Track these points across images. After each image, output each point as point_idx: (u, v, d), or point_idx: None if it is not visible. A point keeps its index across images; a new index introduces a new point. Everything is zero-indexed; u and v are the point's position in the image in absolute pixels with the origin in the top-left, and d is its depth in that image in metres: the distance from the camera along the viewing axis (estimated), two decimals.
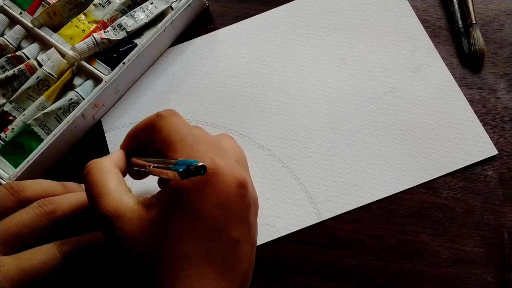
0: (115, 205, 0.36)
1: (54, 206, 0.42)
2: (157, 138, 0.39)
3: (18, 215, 0.41)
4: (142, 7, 0.55)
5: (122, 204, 0.36)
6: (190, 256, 0.34)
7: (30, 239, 0.41)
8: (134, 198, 0.37)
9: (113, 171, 0.40)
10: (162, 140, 0.38)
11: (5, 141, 0.51)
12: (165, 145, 0.38)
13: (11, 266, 0.38)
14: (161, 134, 0.38)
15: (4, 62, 0.54)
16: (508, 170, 0.47)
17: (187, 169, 0.31)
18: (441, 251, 0.45)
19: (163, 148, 0.38)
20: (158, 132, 0.39)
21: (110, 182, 0.38)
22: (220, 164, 0.36)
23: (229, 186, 0.36)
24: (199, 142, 0.37)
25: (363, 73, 0.53)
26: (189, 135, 0.37)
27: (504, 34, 0.53)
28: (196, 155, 0.36)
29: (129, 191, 0.38)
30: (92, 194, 0.38)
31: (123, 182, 0.39)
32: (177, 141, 0.37)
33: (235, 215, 0.36)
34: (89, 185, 0.38)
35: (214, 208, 0.35)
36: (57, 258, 0.40)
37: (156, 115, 0.40)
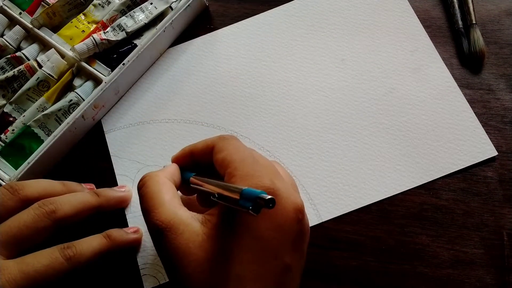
0: (169, 217, 0.36)
1: (54, 206, 0.42)
2: (217, 157, 0.39)
3: (19, 217, 0.42)
4: (142, 7, 0.55)
5: (176, 217, 0.36)
6: (243, 276, 0.34)
7: (32, 240, 0.41)
8: (188, 212, 0.37)
9: (168, 184, 0.40)
10: (222, 159, 0.38)
11: (6, 143, 0.51)
12: (224, 163, 0.38)
13: (14, 270, 0.38)
14: (222, 153, 0.38)
15: (4, 63, 0.54)
16: (508, 171, 0.47)
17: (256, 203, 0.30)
18: (440, 252, 0.45)
19: (222, 166, 0.38)
20: (218, 152, 0.39)
21: (164, 194, 0.38)
22: (279, 186, 0.35)
23: (287, 210, 0.35)
24: (258, 163, 0.37)
25: (363, 73, 0.53)
26: (249, 157, 0.37)
27: (504, 35, 0.53)
28: (256, 174, 0.35)
29: (182, 205, 0.38)
30: (147, 205, 0.38)
31: (178, 195, 0.39)
32: (238, 160, 0.37)
33: (290, 240, 0.35)
34: (144, 196, 0.39)
35: (271, 230, 0.34)
36: (60, 262, 0.40)
37: (218, 137, 0.40)
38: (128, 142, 0.53)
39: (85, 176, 0.51)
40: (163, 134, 0.53)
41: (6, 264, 0.39)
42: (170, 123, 0.53)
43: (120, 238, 0.46)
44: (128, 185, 0.51)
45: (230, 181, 0.36)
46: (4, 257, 0.40)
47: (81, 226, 0.45)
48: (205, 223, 0.36)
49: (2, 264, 0.39)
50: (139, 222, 0.49)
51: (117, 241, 0.45)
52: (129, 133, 0.53)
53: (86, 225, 0.46)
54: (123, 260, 0.48)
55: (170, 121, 0.53)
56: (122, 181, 0.51)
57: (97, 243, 0.43)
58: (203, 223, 0.36)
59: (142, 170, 0.51)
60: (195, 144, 0.42)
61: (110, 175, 0.52)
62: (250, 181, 0.35)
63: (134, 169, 0.52)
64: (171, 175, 0.41)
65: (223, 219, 0.35)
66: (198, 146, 0.42)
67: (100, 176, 0.52)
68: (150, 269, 0.47)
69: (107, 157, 0.52)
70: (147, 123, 0.53)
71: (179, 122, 0.53)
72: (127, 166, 0.52)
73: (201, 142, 0.42)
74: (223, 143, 0.39)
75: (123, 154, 0.52)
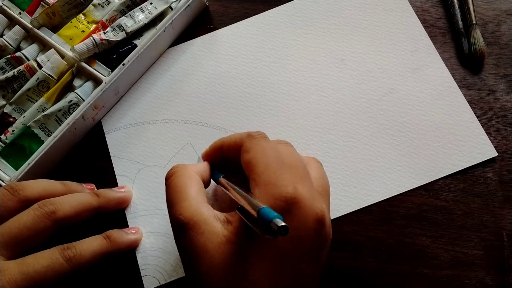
0: (192, 213, 0.36)
1: (55, 207, 0.42)
2: (243, 157, 0.39)
3: (19, 218, 0.42)
4: (142, 7, 0.55)
5: (198, 214, 0.36)
6: (257, 283, 0.34)
7: (33, 241, 0.42)
8: (211, 210, 0.37)
9: (196, 179, 0.40)
10: (248, 161, 0.38)
11: (6, 143, 0.51)
12: (250, 166, 0.38)
13: (14, 271, 0.39)
14: (248, 154, 0.38)
15: (4, 63, 0.54)
16: (508, 172, 0.47)
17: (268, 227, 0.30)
18: (440, 253, 0.45)
19: (248, 169, 0.38)
20: (245, 152, 0.39)
21: (191, 188, 0.38)
22: (302, 194, 0.35)
23: (307, 221, 0.35)
24: (283, 167, 0.37)
25: (363, 73, 0.53)
26: (274, 161, 0.37)
27: (504, 35, 0.53)
28: (279, 182, 0.35)
29: (207, 202, 0.39)
30: (172, 197, 0.38)
31: (204, 192, 0.40)
32: (263, 165, 0.37)
33: (308, 251, 0.35)
34: (170, 188, 0.39)
35: (288, 241, 0.34)
36: (60, 263, 0.40)
37: (246, 135, 0.40)
38: (128, 143, 0.53)
39: (85, 176, 0.51)
40: (163, 134, 0.53)
41: (7, 265, 0.39)
42: (170, 124, 0.53)
43: (120, 239, 0.46)
44: (128, 186, 0.51)
45: (253, 188, 0.36)
46: (4, 258, 0.40)
47: (81, 227, 0.45)
48: (226, 224, 0.36)
49: (3, 265, 0.39)
50: (139, 222, 0.49)
51: (117, 242, 0.45)
52: (129, 133, 0.53)
53: (86, 225, 0.46)
54: (124, 261, 0.48)
55: (170, 122, 0.53)
56: (122, 182, 0.51)
57: (97, 243, 0.43)
58: (224, 224, 0.36)
59: (142, 170, 0.51)
60: (224, 139, 0.43)
61: (110, 176, 0.52)
62: (272, 190, 0.35)
63: (134, 170, 0.52)
64: (200, 171, 0.42)
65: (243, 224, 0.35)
66: (227, 142, 0.42)
67: (100, 177, 0.52)
68: (150, 270, 0.47)
69: (107, 157, 0.52)
70: (147, 123, 0.53)
71: (179, 122, 0.53)
72: (127, 167, 0.52)
73: (230, 137, 0.42)
74: (250, 142, 0.39)
75: (123, 154, 0.52)
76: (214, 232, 0.36)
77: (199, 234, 0.35)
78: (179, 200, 0.38)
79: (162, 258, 0.48)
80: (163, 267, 0.47)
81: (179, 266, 0.47)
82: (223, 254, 0.35)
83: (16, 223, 0.41)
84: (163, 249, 0.48)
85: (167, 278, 0.47)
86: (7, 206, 0.43)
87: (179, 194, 0.38)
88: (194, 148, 0.52)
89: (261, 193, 0.35)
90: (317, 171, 0.41)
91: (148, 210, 0.50)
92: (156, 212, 0.49)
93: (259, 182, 0.36)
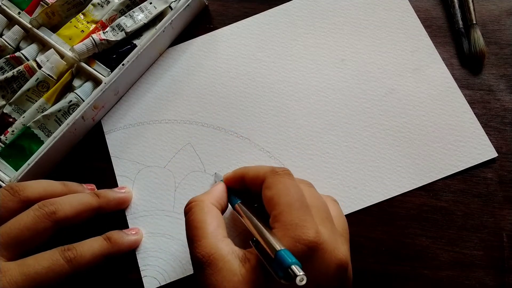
0: (210, 251, 0.36)
1: (55, 207, 0.42)
2: (265, 193, 0.38)
3: (19, 218, 0.42)
4: (141, 7, 0.55)
5: (217, 251, 0.36)
6: None
7: (33, 242, 0.42)
8: (230, 245, 0.37)
9: (214, 213, 0.39)
10: (270, 198, 0.37)
11: (6, 144, 0.51)
12: (272, 203, 0.37)
13: (15, 272, 0.39)
14: (271, 191, 0.38)
15: (3, 63, 0.54)
16: (508, 173, 0.47)
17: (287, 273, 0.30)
18: (440, 254, 0.45)
19: (269, 206, 0.37)
20: (267, 188, 0.38)
21: (209, 224, 0.38)
22: (324, 238, 0.34)
23: (329, 266, 0.34)
24: (306, 208, 0.36)
25: (363, 74, 0.53)
26: (297, 201, 0.36)
27: (505, 35, 0.53)
28: (301, 223, 0.35)
29: (226, 236, 0.38)
30: (191, 234, 0.38)
31: (223, 224, 0.39)
32: (285, 204, 0.36)
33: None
34: (189, 224, 0.39)
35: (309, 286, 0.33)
36: (61, 264, 0.40)
37: (270, 170, 0.39)
38: (128, 143, 0.53)
39: (85, 177, 0.51)
40: (163, 134, 0.53)
41: (7, 266, 0.39)
42: (170, 124, 0.53)
43: (121, 240, 0.46)
44: (128, 186, 0.51)
45: (274, 226, 0.36)
46: (5, 259, 0.40)
47: (82, 227, 0.45)
48: (244, 262, 0.36)
49: (3, 266, 0.39)
50: (139, 223, 0.49)
51: (118, 243, 0.45)
52: (129, 133, 0.53)
53: (87, 226, 0.46)
54: (124, 261, 0.48)
55: (170, 122, 0.53)
56: (122, 182, 0.51)
57: (97, 245, 0.43)
58: (242, 262, 0.36)
59: (142, 171, 0.51)
60: (247, 169, 0.42)
61: (110, 176, 0.52)
62: (293, 232, 0.34)
63: (134, 170, 0.52)
64: (217, 200, 0.42)
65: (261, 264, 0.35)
66: (250, 173, 0.42)
67: (100, 177, 0.52)
68: (150, 270, 0.47)
69: (107, 158, 0.52)
70: (147, 123, 0.53)
71: (179, 122, 0.53)
72: (127, 167, 0.52)
73: (253, 169, 0.41)
74: (273, 179, 0.38)
75: (123, 154, 0.52)
76: (232, 270, 0.35)
77: (216, 272, 0.35)
78: (197, 237, 0.37)
79: (162, 258, 0.48)
80: (163, 267, 0.47)
81: (179, 266, 0.47)
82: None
83: (16, 224, 0.41)
84: (163, 250, 0.48)
85: (167, 279, 0.47)
86: (8, 207, 0.43)
87: (197, 231, 0.38)
88: (194, 149, 0.52)
89: (282, 233, 0.35)
90: (336, 210, 0.40)
91: (148, 210, 0.50)
92: (156, 213, 0.49)
93: (280, 220, 0.35)
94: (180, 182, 0.50)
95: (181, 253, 0.48)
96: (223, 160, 0.51)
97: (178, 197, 0.50)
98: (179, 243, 0.48)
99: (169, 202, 0.50)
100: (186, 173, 0.51)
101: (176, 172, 0.51)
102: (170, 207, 0.50)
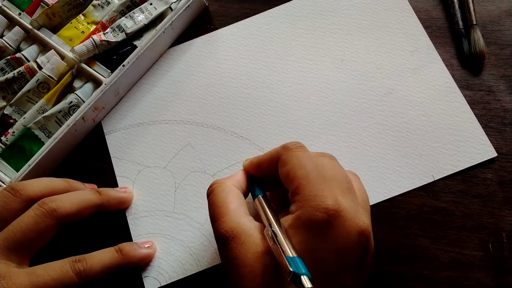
0: (233, 226, 0.37)
1: (55, 205, 0.42)
2: (281, 170, 0.38)
3: (20, 220, 0.42)
4: (141, 8, 0.55)
5: (239, 226, 0.37)
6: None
7: (38, 242, 0.42)
8: (252, 221, 0.38)
9: (235, 192, 0.40)
10: (286, 174, 0.37)
11: (6, 145, 0.51)
12: (288, 179, 0.37)
13: (24, 280, 0.39)
14: (285, 167, 0.38)
15: (4, 64, 0.54)
16: (507, 173, 0.48)
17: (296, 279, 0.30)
18: (440, 254, 0.46)
19: (287, 182, 0.37)
20: (282, 165, 0.38)
21: (231, 203, 0.38)
22: (344, 206, 0.34)
23: (350, 234, 0.34)
24: (324, 178, 0.36)
25: (362, 74, 0.53)
26: (313, 171, 0.36)
27: (505, 35, 0.53)
28: (319, 193, 0.35)
29: (248, 213, 0.39)
30: (214, 213, 0.38)
31: (244, 203, 0.40)
32: (302, 176, 0.36)
33: (351, 264, 0.35)
34: (212, 204, 0.39)
35: (331, 254, 0.34)
36: (70, 276, 0.40)
37: (282, 147, 0.39)
38: (128, 144, 0.53)
39: (85, 177, 0.51)
40: (163, 135, 0.53)
41: (17, 274, 0.39)
42: (170, 124, 0.53)
43: (132, 253, 0.45)
44: (129, 187, 0.51)
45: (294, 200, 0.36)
46: (15, 263, 0.40)
47: (86, 231, 0.45)
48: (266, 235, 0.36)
49: (13, 273, 0.39)
50: (139, 223, 0.49)
51: (129, 256, 0.45)
52: (129, 134, 0.53)
53: (89, 228, 0.46)
54: None
55: (170, 122, 0.53)
56: (122, 183, 0.51)
57: (108, 257, 0.43)
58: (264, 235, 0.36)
59: (143, 171, 0.51)
60: (261, 156, 0.42)
61: (111, 177, 0.52)
62: (312, 202, 0.34)
63: (135, 171, 0.52)
64: (238, 183, 0.42)
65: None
66: (265, 158, 0.42)
67: (101, 178, 0.52)
68: (151, 271, 0.47)
69: (108, 158, 0.53)
70: (147, 124, 0.54)
71: (179, 123, 0.53)
72: (127, 168, 0.52)
73: (267, 153, 0.41)
74: (286, 155, 0.38)
75: (123, 155, 0.52)
76: (254, 242, 0.36)
77: (240, 245, 0.36)
78: (220, 215, 0.38)
79: (163, 259, 0.48)
80: (163, 268, 0.47)
81: (180, 267, 0.47)
82: (263, 265, 0.35)
83: (18, 227, 0.41)
84: (164, 250, 0.48)
85: (168, 279, 0.47)
86: (11, 208, 0.42)
87: (219, 209, 0.38)
88: (194, 149, 0.52)
89: (301, 206, 0.35)
90: (357, 183, 0.40)
91: (149, 211, 0.50)
92: (157, 213, 0.50)
93: (299, 194, 0.36)
94: (180, 183, 0.51)
95: (181, 254, 0.48)
96: (223, 161, 0.51)
97: (178, 197, 0.50)
98: (179, 244, 0.48)
99: (169, 202, 0.50)
100: (186, 173, 0.51)
101: (176, 173, 0.51)
102: (171, 207, 0.50)
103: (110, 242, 0.45)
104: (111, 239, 0.47)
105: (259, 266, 0.35)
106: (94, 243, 0.46)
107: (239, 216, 0.37)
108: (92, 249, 0.43)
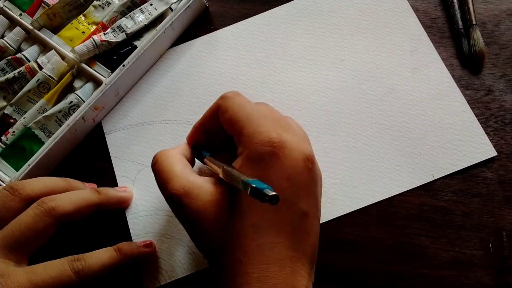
0: (183, 183, 0.38)
1: (54, 203, 0.42)
2: (223, 118, 0.40)
3: (19, 219, 0.42)
4: (142, 8, 0.55)
5: (189, 182, 0.38)
6: (259, 226, 0.36)
7: (36, 241, 0.42)
8: (200, 177, 0.39)
9: (179, 157, 0.41)
10: (228, 119, 0.39)
11: (6, 144, 0.51)
12: (231, 123, 0.39)
13: (23, 279, 0.39)
14: (227, 113, 0.39)
15: (4, 64, 0.54)
16: (507, 172, 0.47)
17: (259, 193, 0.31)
18: (440, 253, 0.45)
19: (230, 127, 0.39)
20: (224, 112, 0.40)
21: (176, 166, 0.40)
22: (286, 138, 0.37)
23: (296, 160, 0.37)
24: (265, 117, 0.38)
25: (362, 74, 0.53)
26: (254, 111, 0.39)
27: (504, 35, 0.53)
28: (263, 129, 0.37)
29: (194, 172, 0.40)
30: (161, 179, 0.40)
31: (189, 165, 0.41)
32: (243, 117, 0.38)
33: (303, 188, 0.37)
34: (157, 172, 0.40)
35: (282, 181, 0.36)
36: (68, 275, 0.40)
37: (220, 97, 0.41)
38: (128, 143, 0.53)
39: (85, 177, 0.51)
40: (163, 135, 0.53)
41: (16, 272, 0.39)
42: (170, 124, 0.53)
43: (131, 252, 0.45)
44: (129, 186, 0.51)
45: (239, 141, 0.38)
46: (13, 262, 0.40)
47: (86, 230, 0.45)
48: (218, 183, 0.38)
49: (12, 271, 0.39)
50: (139, 223, 0.49)
51: (128, 255, 0.45)
52: (129, 134, 0.53)
53: (89, 228, 0.46)
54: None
55: (170, 122, 0.53)
56: (122, 182, 0.51)
57: (107, 256, 0.43)
58: (215, 184, 0.38)
59: (143, 171, 0.51)
60: (203, 114, 0.44)
61: (110, 176, 0.52)
62: (257, 138, 0.36)
63: (134, 170, 0.52)
64: (182, 151, 0.43)
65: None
66: (206, 115, 0.43)
67: (101, 177, 0.52)
68: (151, 270, 0.47)
69: (107, 158, 0.53)
70: (147, 124, 0.54)
71: (179, 123, 0.53)
72: (127, 167, 0.52)
73: (207, 110, 0.43)
74: (226, 102, 0.40)
75: (123, 155, 0.53)
76: (208, 192, 0.37)
77: (195, 198, 0.37)
78: (168, 179, 0.39)
79: (162, 258, 0.48)
80: (163, 267, 0.47)
81: (179, 266, 0.47)
82: (221, 209, 0.36)
83: (17, 226, 0.41)
84: (163, 250, 0.48)
85: (167, 279, 0.47)
86: (10, 207, 0.43)
87: (166, 174, 0.39)
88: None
89: (247, 146, 0.37)
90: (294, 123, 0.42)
91: (148, 211, 0.50)
92: (156, 213, 0.49)
93: (243, 133, 0.37)
94: None
95: (181, 253, 0.48)
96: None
97: None
98: (179, 243, 0.48)
99: None
100: None
101: None
102: None
103: (109, 242, 0.45)
104: (111, 238, 0.47)
105: (218, 210, 0.36)
106: (93, 243, 0.46)
107: (187, 175, 0.39)
108: (91, 249, 0.43)
